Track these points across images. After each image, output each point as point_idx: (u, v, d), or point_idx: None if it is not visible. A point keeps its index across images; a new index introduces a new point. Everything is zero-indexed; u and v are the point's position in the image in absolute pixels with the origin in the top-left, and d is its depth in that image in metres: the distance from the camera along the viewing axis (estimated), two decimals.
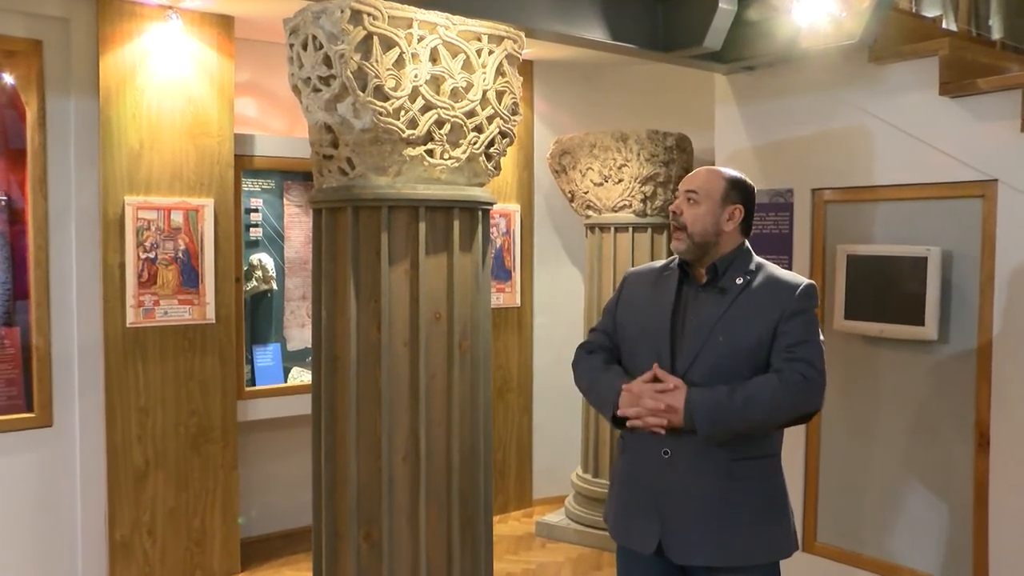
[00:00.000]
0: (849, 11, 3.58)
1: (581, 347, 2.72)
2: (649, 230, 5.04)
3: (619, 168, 5.03)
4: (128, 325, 4.22)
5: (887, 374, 3.81)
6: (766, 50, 3.93)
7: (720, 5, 3.76)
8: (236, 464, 4.57)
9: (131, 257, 4.21)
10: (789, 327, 2.42)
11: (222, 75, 4.46)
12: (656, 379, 2.42)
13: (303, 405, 4.44)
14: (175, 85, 4.33)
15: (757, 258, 2.57)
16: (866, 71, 3.84)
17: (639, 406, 2.40)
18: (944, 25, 4.99)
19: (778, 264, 2.67)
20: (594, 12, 3.68)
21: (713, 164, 4.69)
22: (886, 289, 3.69)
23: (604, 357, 2.63)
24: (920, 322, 3.56)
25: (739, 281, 2.49)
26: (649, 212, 5.03)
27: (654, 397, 2.39)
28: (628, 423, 2.44)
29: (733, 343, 2.42)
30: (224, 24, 4.46)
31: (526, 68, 5.58)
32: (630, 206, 5.03)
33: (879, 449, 3.85)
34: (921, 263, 3.56)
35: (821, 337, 2.48)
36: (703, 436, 2.36)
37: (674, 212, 2.56)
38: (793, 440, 3.92)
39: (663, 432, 2.39)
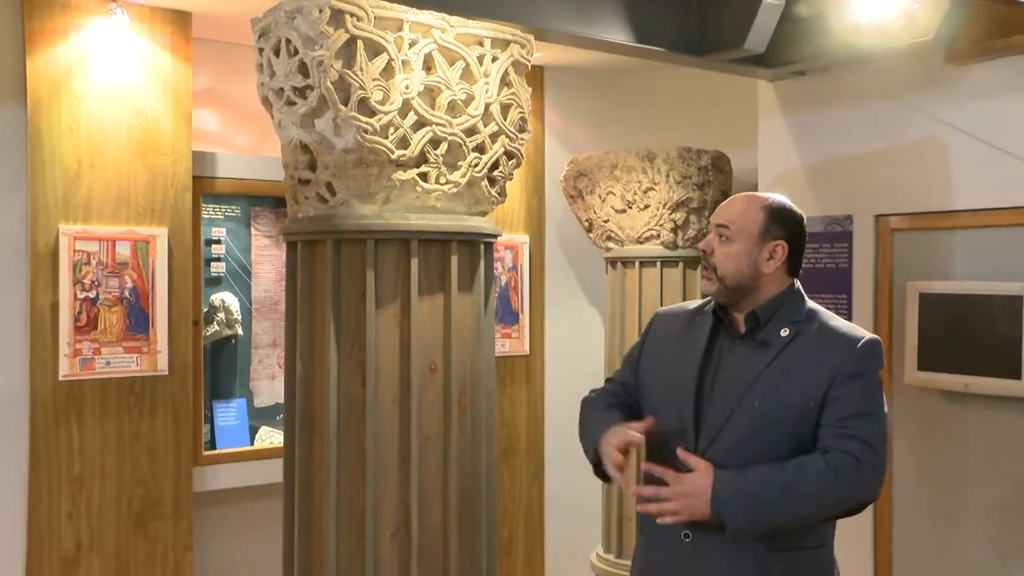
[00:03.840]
0: (923, 3, 3.56)
1: (590, 392, 2.77)
2: (680, 265, 5.07)
3: (645, 192, 5.07)
4: (61, 378, 4.19)
5: (975, 438, 3.77)
6: (819, 51, 3.96)
7: (764, 0, 3.81)
8: (190, 544, 4.55)
9: (66, 297, 4.19)
10: (843, 393, 2.38)
11: (177, 81, 4.48)
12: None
13: (273, 472, 4.44)
14: (120, 93, 4.34)
15: (810, 303, 2.55)
16: (943, 73, 3.84)
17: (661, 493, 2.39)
18: None
19: (835, 306, 2.67)
20: (615, 10, 3.74)
21: (756, 187, 4.75)
22: (971, 334, 3.66)
23: (612, 401, 2.65)
24: (1016, 374, 3.53)
25: (784, 333, 2.46)
26: (680, 244, 5.06)
27: (676, 480, 2.38)
28: (637, 506, 2.43)
29: (771, 410, 2.39)
30: (179, 21, 4.48)
31: (535, 76, 5.61)
32: (658, 236, 5.07)
33: (968, 533, 3.80)
34: (1015, 303, 3.53)
35: (885, 408, 2.44)
36: (732, 532, 2.34)
37: (704, 251, 2.56)
38: (855, 524, 3.89)
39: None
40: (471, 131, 3.09)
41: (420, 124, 2.99)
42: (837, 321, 2.53)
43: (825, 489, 2.31)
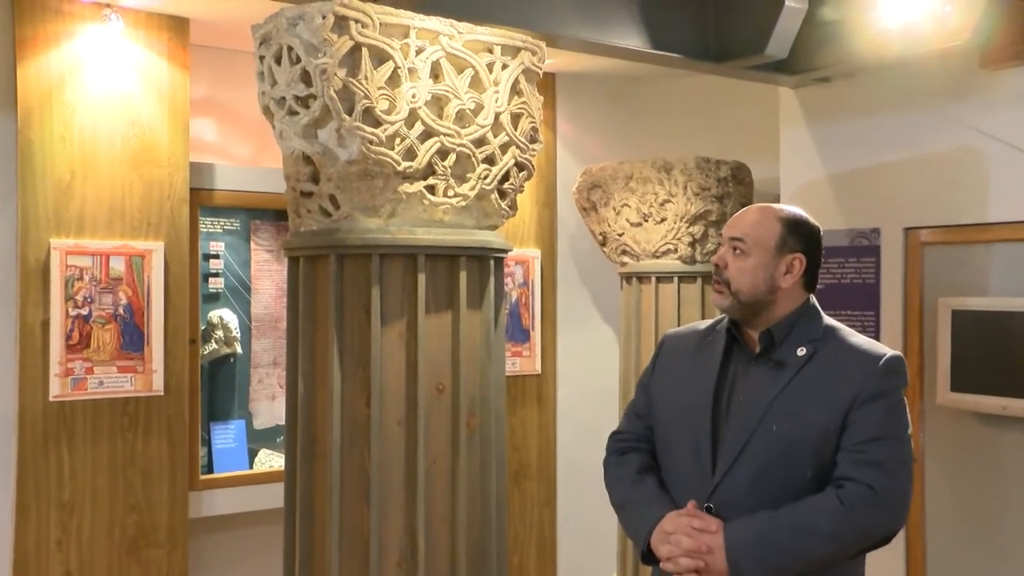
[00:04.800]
0: (956, 4, 3.55)
1: (612, 440, 2.75)
2: (698, 280, 5.06)
3: (661, 205, 5.08)
4: (51, 399, 4.20)
5: (1013, 463, 3.76)
6: (845, 57, 3.97)
7: (787, 3, 3.80)
8: (186, 574, 4.55)
9: (57, 314, 4.21)
10: (864, 415, 2.37)
11: (174, 90, 4.50)
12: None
13: (273, 497, 4.44)
14: (115, 101, 4.36)
15: (827, 320, 2.55)
16: (977, 79, 3.84)
17: (671, 544, 2.39)
18: None
19: (862, 324, 2.67)
20: (630, 14, 3.76)
21: (778, 198, 4.75)
22: (1008, 354, 3.65)
23: (639, 461, 2.63)
24: None
25: (801, 352, 2.45)
26: (699, 258, 5.06)
27: (690, 535, 2.37)
28: (661, 564, 2.43)
29: (790, 434, 2.38)
30: (177, 27, 4.51)
31: (547, 84, 5.64)
32: (675, 251, 5.08)
33: (1007, 564, 3.78)
34: None
35: (910, 430, 2.42)
36: None
37: (716, 265, 2.55)
38: (887, 555, 3.86)
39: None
40: (480, 142, 3.11)
41: (427, 134, 3.00)
42: (857, 338, 2.52)
43: (842, 526, 2.30)
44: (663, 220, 5.09)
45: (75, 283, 4.26)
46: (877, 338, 3.93)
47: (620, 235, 5.25)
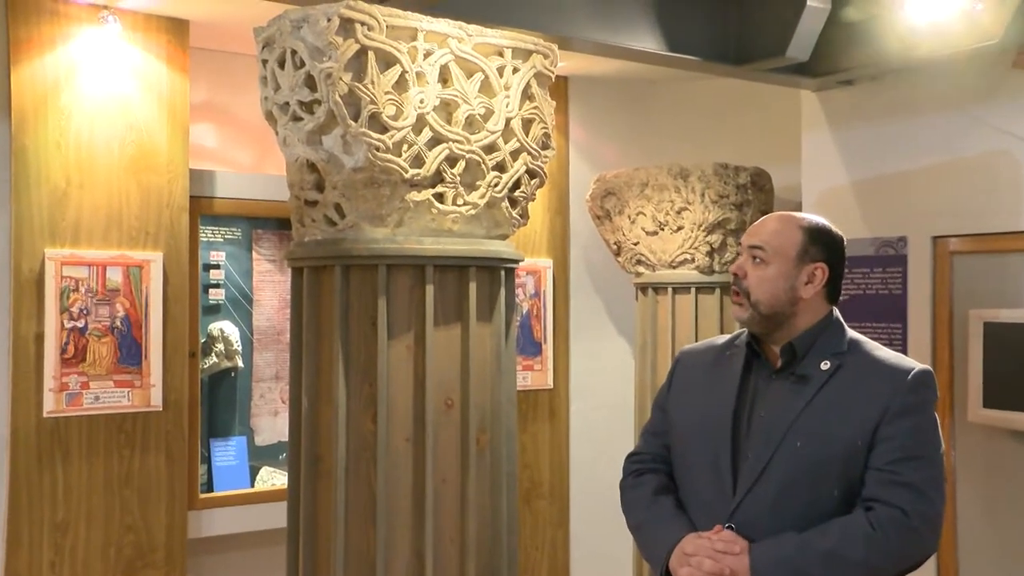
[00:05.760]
0: (988, 2, 3.54)
1: (628, 461, 2.75)
2: (717, 291, 5.06)
3: (678, 213, 5.09)
4: (45, 415, 4.20)
5: None
6: (870, 58, 3.96)
7: (808, 2, 3.81)
8: None
9: (52, 327, 4.21)
10: (893, 432, 2.36)
11: (174, 94, 4.52)
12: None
13: (275, 517, 4.45)
14: (112, 106, 4.37)
15: (851, 333, 2.55)
16: (1009, 80, 3.84)
17: (692, 566, 2.38)
18: None
19: (888, 337, 2.66)
20: (645, 16, 3.77)
21: (799, 206, 4.76)
22: None
23: (656, 482, 2.63)
24: None
25: (825, 366, 2.45)
26: (717, 268, 5.06)
27: (713, 556, 2.36)
28: None
29: (816, 451, 2.38)
30: (176, 29, 4.53)
31: (559, 88, 5.65)
32: (692, 260, 5.08)
33: None
34: None
35: (942, 448, 2.42)
36: None
37: (735, 274, 2.55)
38: None
39: None
40: (490, 148, 3.12)
41: (436, 141, 3.02)
42: (883, 351, 2.52)
43: (874, 552, 2.29)
44: (680, 229, 5.09)
45: (70, 294, 4.27)
46: (904, 352, 3.92)
47: (635, 244, 5.25)
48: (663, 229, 5.14)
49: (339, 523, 3.03)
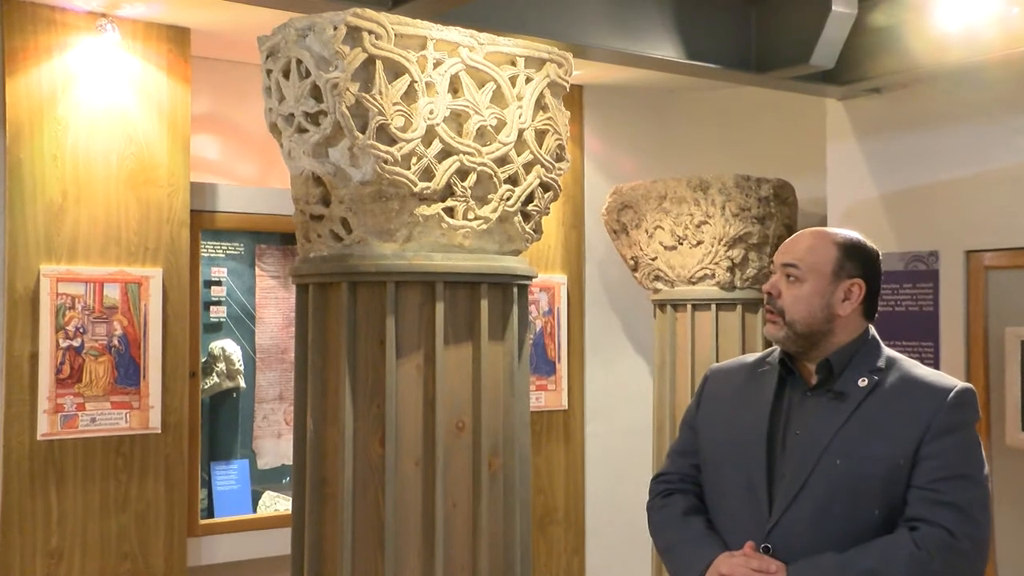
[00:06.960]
0: (1023, 6, 3.54)
1: (655, 482, 2.75)
2: (739, 308, 5.06)
3: (698, 226, 5.08)
4: (39, 437, 4.21)
5: None
6: (898, 66, 3.96)
7: (834, 7, 3.82)
8: None
9: (47, 346, 4.23)
10: (936, 450, 2.36)
11: (174, 105, 4.55)
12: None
13: (279, 543, 4.46)
14: (110, 118, 4.39)
15: (887, 351, 2.56)
16: None
17: None
18: None
19: (919, 355, 2.65)
20: (663, 22, 3.78)
21: (824, 220, 4.76)
22: None
23: (685, 503, 2.64)
24: None
25: (863, 383, 2.46)
26: (739, 284, 5.05)
27: None
28: None
29: (855, 469, 2.38)
30: (177, 38, 4.56)
31: (574, 97, 5.67)
32: (713, 276, 5.08)
33: None
34: None
35: (985, 468, 2.42)
36: None
37: (769, 293, 2.57)
38: None
39: None
40: (503, 160, 3.14)
41: (446, 153, 3.03)
42: (922, 369, 2.54)
43: (918, 574, 2.29)
44: (699, 243, 5.08)
45: (66, 312, 4.28)
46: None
47: (653, 259, 5.25)
48: (682, 244, 5.14)
49: (346, 550, 3.04)
